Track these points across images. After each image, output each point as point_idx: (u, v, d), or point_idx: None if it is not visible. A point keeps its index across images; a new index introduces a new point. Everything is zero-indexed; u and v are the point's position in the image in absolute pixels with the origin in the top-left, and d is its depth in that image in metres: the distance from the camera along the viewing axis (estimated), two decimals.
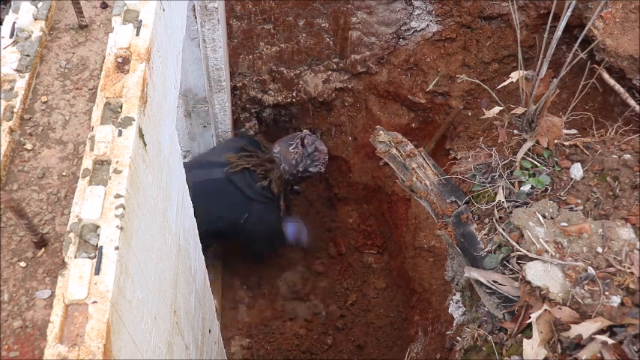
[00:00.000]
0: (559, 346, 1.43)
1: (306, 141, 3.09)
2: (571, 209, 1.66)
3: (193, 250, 1.96)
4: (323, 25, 3.42)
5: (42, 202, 1.13)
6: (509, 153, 1.88)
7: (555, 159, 1.79)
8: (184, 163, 3.17)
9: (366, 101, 3.80)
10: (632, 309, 1.42)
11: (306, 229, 3.76)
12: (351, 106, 3.85)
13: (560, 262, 1.51)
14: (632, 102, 2.62)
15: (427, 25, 3.43)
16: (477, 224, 1.78)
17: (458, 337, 1.87)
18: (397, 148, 2.00)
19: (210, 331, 2.33)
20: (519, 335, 1.56)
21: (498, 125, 1.91)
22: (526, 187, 1.76)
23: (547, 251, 1.54)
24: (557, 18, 1.71)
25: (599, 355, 1.37)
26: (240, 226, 3.13)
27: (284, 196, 3.27)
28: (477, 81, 2.25)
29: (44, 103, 1.25)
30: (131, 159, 1.11)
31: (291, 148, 3.07)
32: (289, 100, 3.73)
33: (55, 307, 0.97)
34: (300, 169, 3.07)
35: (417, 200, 1.99)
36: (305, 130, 3.28)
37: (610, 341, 1.36)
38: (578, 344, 1.41)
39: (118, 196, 1.06)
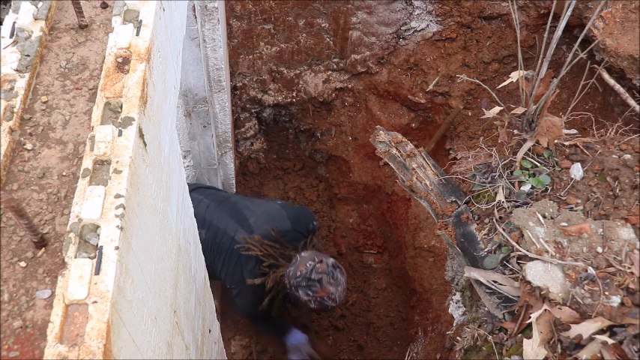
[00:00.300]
0: (559, 346, 1.43)
1: (318, 267, 2.63)
2: (571, 209, 1.66)
3: (193, 250, 1.96)
4: (323, 25, 3.42)
5: (42, 202, 1.13)
6: (509, 153, 1.88)
7: (555, 159, 1.79)
8: (216, 200, 3.08)
9: (366, 101, 3.80)
10: (632, 309, 1.42)
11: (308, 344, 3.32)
12: (351, 106, 3.85)
13: (560, 262, 1.51)
14: (632, 102, 2.62)
15: (427, 25, 3.43)
16: (477, 224, 1.78)
17: (458, 337, 1.87)
18: (397, 148, 2.00)
19: (210, 331, 2.33)
20: (519, 335, 1.56)
21: (498, 125, 1.91)
22: (526, 187, 1.76)
23: (547, 251, 1.54)
24: (557, 18, 1.71)
25: (599, 355, 1.37)
26: (228, 290, 2.99)
27: (271, 299, 2.88)
28: (477, 81, 2.25)
29: (44, 103, 1.25)
30: (131, 159, 1.11)
31: (308, 262, 2.66)
32: (289, 100, 3.73)
33: (55, 307, 0.97)
34: (293, 284, 2.65)
35: (417, 200, 1.99)
36: (332, 260, 2.72)
37: (610, 341, 1.36)
38: (578, 344, 1.41)
39: (118, 196, 1.06)
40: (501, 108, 1.81)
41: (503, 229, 1.67)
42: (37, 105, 1.24)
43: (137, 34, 1.26)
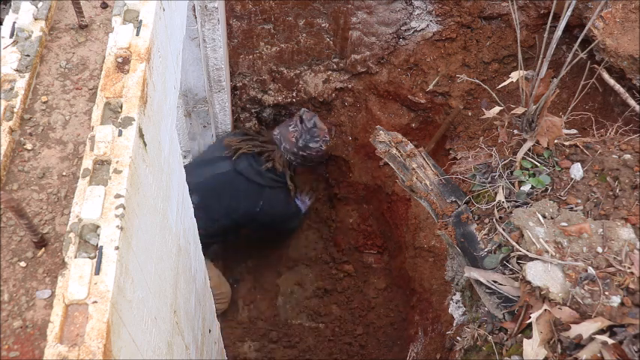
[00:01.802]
0: (559, 346, 1.43)
1: (304, 116, 3.08)
2: (571, 209, 1.66)
3: (193, 250, 1.96)
4: (323, 25, 3.42)
5: (42, 202, 1.13)
6: (509, 153, 1.88)
7: (555, 159, 1.79)
8: (188, 164, 3.21)
9: (366, 101, 3.80)
10: (632, 309, 1.42)
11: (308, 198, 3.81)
12: (351, 106, 3.85)
13: (560, 262, 1.51)
14: (632, 102, 2.62)
15: (427, 25, 3.43)
16: (477, 224, 1.78)
17: (458, 337, 1.86)
18: (397, 148, 2.00)
19: (210, 331, 2.33)
20: (519, 335, 1.56)
21: (498, 125, 1.91)
22: (526, 187, 1.76)
23: (547, 251, 1.54)
24: (557, 18, 1.71)
25: (599, 355, 1.37)
26: (256, 214, 3.14)
27: (290, 177, 3.27)
28: (477, 81, 2.25)
29: (44, 103, 1.25)
30: (131, 159, 1.11)
31: (290, 128, 3.09)
32: (289, 100, 3.73)
33: (55, 307, 0.97)
34: (301, 145, 3.07)
35: (417, 200, 1.99)
36: (303, 109, 3.25)
37: (610, 341, 1.36)
38: (578, 344, 1.41)
39: (118, 196, 1.06)
40: (501, 108, 1.81)
41: (503, 229, 1.67)
42: (37, 105, 1.24)
43: (137, 34, 1.26)
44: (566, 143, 1.81)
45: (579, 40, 1.74)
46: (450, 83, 3.53)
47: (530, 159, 1.80)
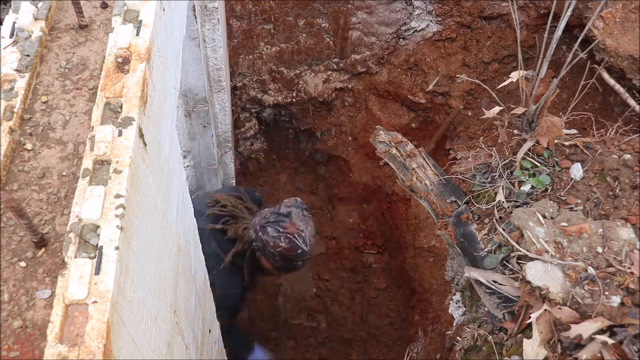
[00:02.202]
0: (559, 346, 1.43)
1: (287, 201, 2.46)
2: (571, 209, 1.66)
3: (193, 250, 1.96)
4: (323, 25, 3.42)
5: (42, 202, 1.13)
6: (509, 153, 1.88)
7: (555, 159, 1.79)
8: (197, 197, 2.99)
9: (366, 101, 3.80)
10: (632, 309, 1.42)
11: None
12: (351, 106, 3.85)
13: (560, 262, 1.51)
14: (632, 102, 2.62)
15: (427, 25, 3.43)
16: (477, 224, 1.78)
17: (458, 337, 1.87)
18: (397, 148, 2.00)
19: (210, 331, 2.32)
20: (519, 335, 1.56)
21: (498, 125, 1.91)
22: (526, 187, 1.76)
23: (547, 251, 1.54)
24: (557, 18, 1.71)
25: (599, 355, 1.37)
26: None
27: (247, 269, 2.58)
28: (477, 81, 2.25)
29: (44, 103, 1.25)
30: (131, 159, 1.11)
31: (272, 207, 2.50)
32: (289, 100, 3.73)
33: (55, 307, 0.97)
34: (261, 224, 2.44)
35: (417, 200, 1.99)
36: (299, 200, 2.54)
37: (610, 341, 1.36)
38: (578, 344, 1.41)
39: (118, 196, 1.06)
40: (501, 108, 1.81)
41: (503, 229, 1.67)
42: (37, 105, 1.24)
43: (137, 34, 1.26)
44: (566, 143, 1.81)
45: (579, 40, 1.74)
46: (450, 83, 3.53)
47: (530, 159, 1.80)
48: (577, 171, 1.74)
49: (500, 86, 1.95)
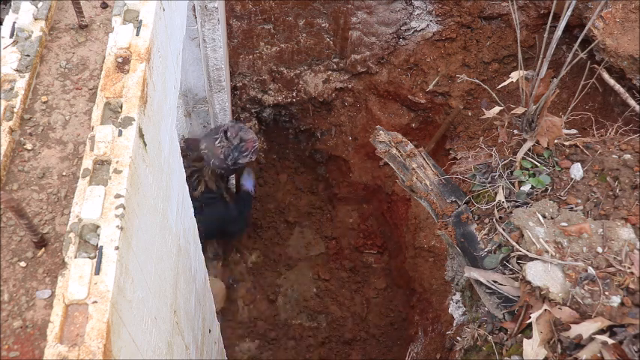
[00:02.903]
0: (559, 346, 1.43)
1: (229, 133, 2.91)
2: (571, 209, 1.66)
3: (193, 250, 1.96)
4: (323, 25, 3.42)
5: (42, 202, 1.13)
6: (509, 153, 1.87)
7: (555, 159, 1.79)
8: None
9: (366, 101, 3.80)
10: (632, 309, 1.42)
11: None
12: (351, 106, 3.85)
13: (560, 262, 1.51)
14: (632, 102, 2.62)
15: (427, 25, 3.43)
16: (477, 224, 1.78)
17: (458, 337, 1.86)
18: (397, 148, 2.00)
19: (210, 331, 2.33)
20: (519, 335, 1.56)
21: (498, 125, 1.91)
22: (526, 187, 1.76)
23: (547, 251, 1.54)
24: (557, 18, 1.71)
25: (599, 355, 1.37)
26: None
27: (225, 188, 3.12)
28: (477, 81, 2.25)
29: (44, 103, 1.25)
30: (131, 159, 1.11)
31: (216, 143, 2.90)
32: (289, 100, 3.73)
33: (55, 307, 0.97)
34: (230, 163, 2.91)
35: (417, 200, 1.99)
36: (227, 123, 3.08)
37: (610, 341, 1.36)
38: (578, 344, 1.41)
39: (118, 196, 1.06)
40: (501, 108, 1.81)
41: (503, 229, 1.67)
42: (37, 105, 1.24)
43: (137, 34, 1.26)
44: (566, 143, 1.81)
45: (579, 40, 1.74)
46: (450, 83, 3.53)
47: (530, 159, 1.80)
48: (577, 171, 1.74)
49: (500, 86, 1.95)
